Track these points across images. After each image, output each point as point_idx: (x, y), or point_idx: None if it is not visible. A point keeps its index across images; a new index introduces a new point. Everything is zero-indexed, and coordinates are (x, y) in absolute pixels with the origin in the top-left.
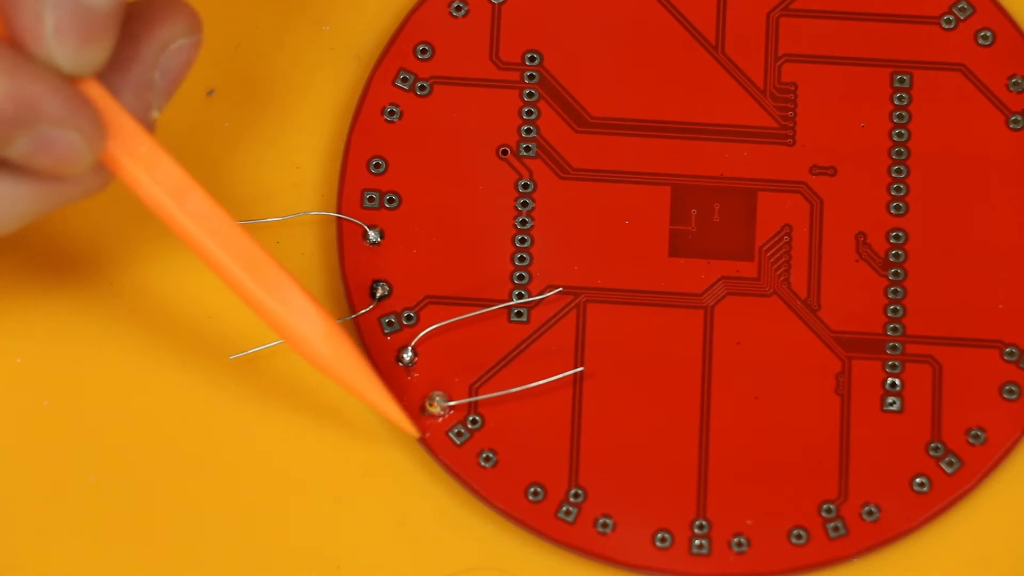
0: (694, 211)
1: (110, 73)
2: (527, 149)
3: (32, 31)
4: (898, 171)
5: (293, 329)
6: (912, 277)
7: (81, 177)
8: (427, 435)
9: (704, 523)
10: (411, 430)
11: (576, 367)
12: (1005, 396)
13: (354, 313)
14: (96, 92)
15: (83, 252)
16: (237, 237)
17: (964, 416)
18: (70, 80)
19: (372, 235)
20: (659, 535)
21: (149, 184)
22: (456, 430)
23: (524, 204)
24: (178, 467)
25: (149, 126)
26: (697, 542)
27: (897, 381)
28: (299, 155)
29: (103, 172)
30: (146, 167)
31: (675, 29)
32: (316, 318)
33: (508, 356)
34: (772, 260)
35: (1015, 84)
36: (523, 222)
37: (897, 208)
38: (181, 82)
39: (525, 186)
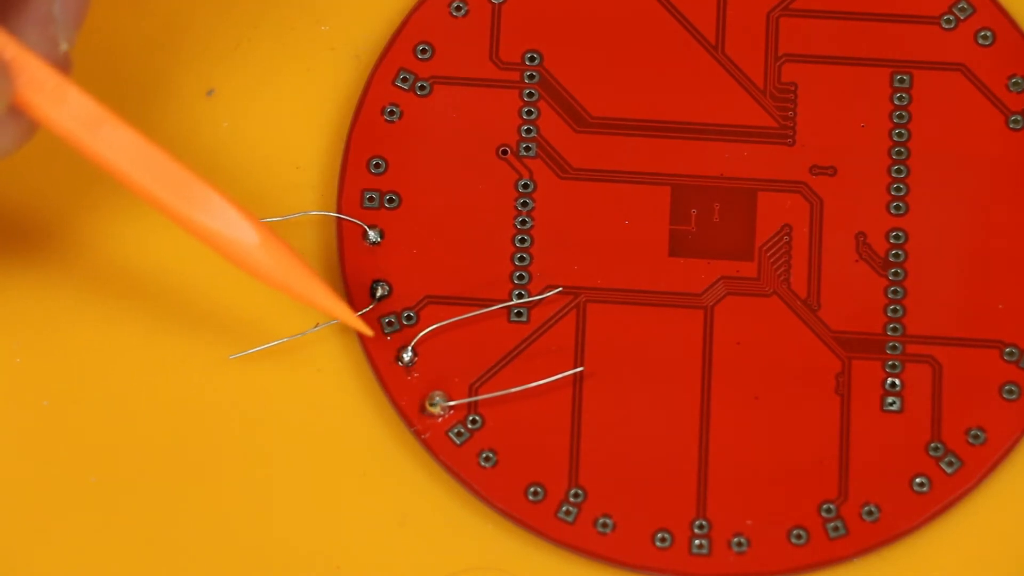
0: (694, 211)
1: (7, 13)
2: (527, 149)
3: None
4: (898, 171)
5: (228, 242)
6: (912, 277)
7: None
8: (427, 435)
9: (704, 523)
10: (364, 328)
11: (576, 367)
12: (1005, 396)
13: (354, 313)
14: None
15: (83, 252)
16: (157, 160)
17: (964, 416)
18: None
19: (372, 235)
20: (659, 535)
21: (61, 118)
22: (456, 430)
23: (524, 204)
24: (178, 467)
25: (61, 61)
26: (697, 542)
27: (897, 381)
28: (299, 155)
29: (22, 118)
30: (56, 103)
31: (675, 29)
32: (248, 228)
33: (508, 356)
34: (772, 260)
35: (1015, 84)
36: (523, 222)
37: (897, 208)
38: (86, 11)
39: (525, 186)
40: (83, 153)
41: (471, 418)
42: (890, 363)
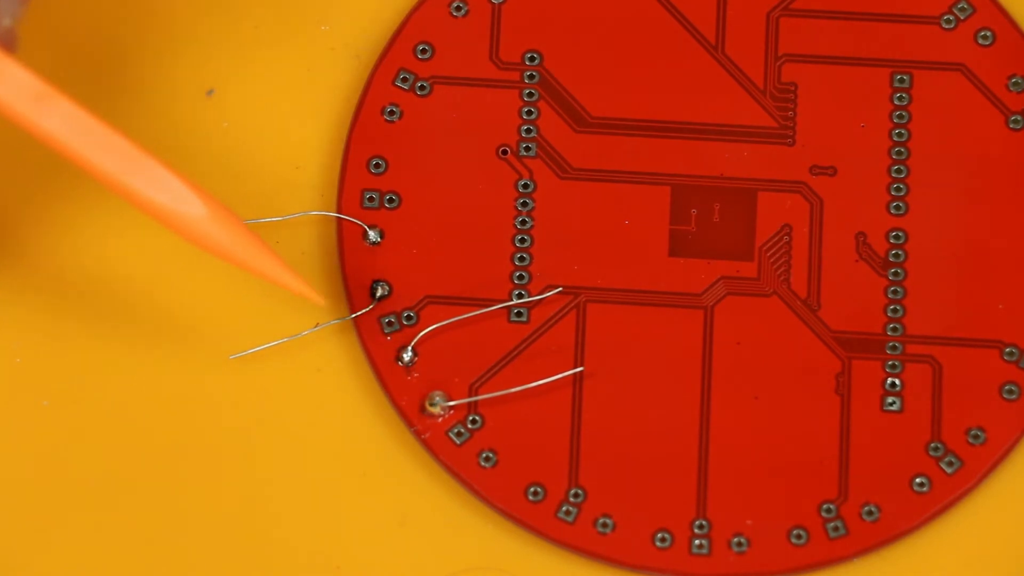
0: (694, 211)
1: None
2: (527, 149)
3: None
4: (898, 171)
5: (177, 216)
6: (912, 277)
7: None
8: (427, 435)
9: (704, 523)
10: (316, 298)
11: (576, 367)
12: (1005, 396)
13: (354, 313)
14: None
15: (83, 252)
16: (102, 134)
17: (964, 416)
18: None
19: (372, 235)
20: (659, 535)
21: (2, 95)
22: (456, 430)
23: (524, 204)
24: (177, 467)
25: (4, 36)
26: (697, 542)
27: (897, 381)
28: (299, 155)
29: None
30: None
31: (675, 29)
32: (197, 202)
33: (508, 356)
34: (772, 260)
35: (1015, 84)
36: (523, 222)
37: (897, 208)
38: None
39: (525, 186)
40: (26, 128)
41: (471, 418)
42: (890, 363)
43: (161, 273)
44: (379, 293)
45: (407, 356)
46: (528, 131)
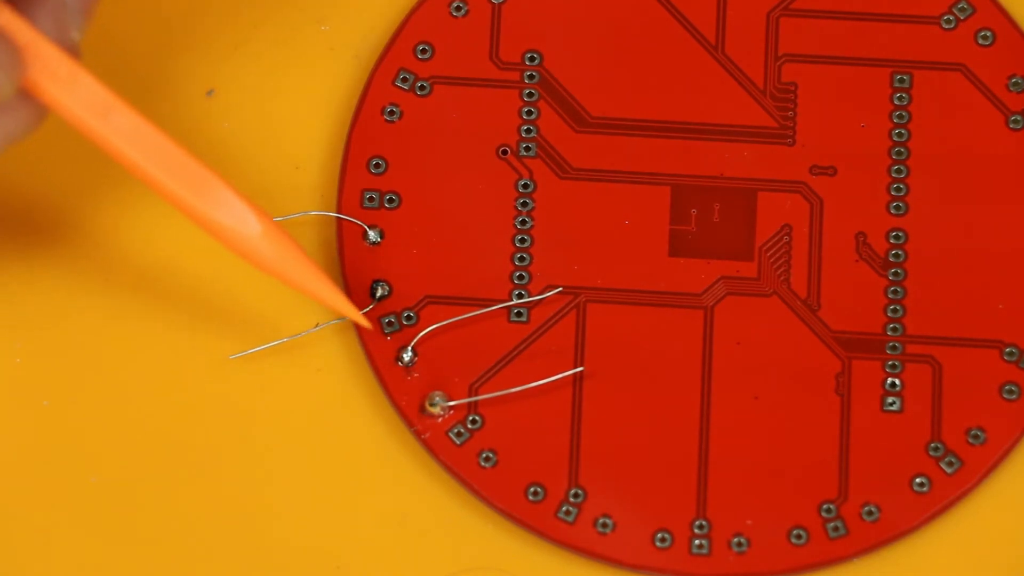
0: (694, 211)
1: (23, 1)
2: (527, 149)
3: None
4: (898, 171)
5: (231, 232)
6: (912, 277)
7: (8, 107)
8: (427, 435)
9: (704, 523)
10: (363, 321)
11: (576, 367)
12: (1005, 396)
13: None
14: (9, 19)
15: (83, 253)
16: (165, 147)
17: (964, 416)
18: None
19: (372, 235)
20: (659, 535)
21: (72, 105)
22: (456, 430)
23: (524, 204)
24: (178, 467)
25: (72, 48)
26: (697, 542)
27: (897, 381)
28: (299, 155)
29: (32, 104)
30: (67, 88)
31: (675, 29)
32: (253, 219)
33: (508, 356)
34: (772, 260)
35: (1015, 84)
36: (523, 222)
37: (897, 208)
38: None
39: (525, 186)
40: (91, 139)
41: (471, 418)
42: (890, 363)
43: (162, 273)
44: (379, 293)
45: (407, 356)
46: (528, 131)
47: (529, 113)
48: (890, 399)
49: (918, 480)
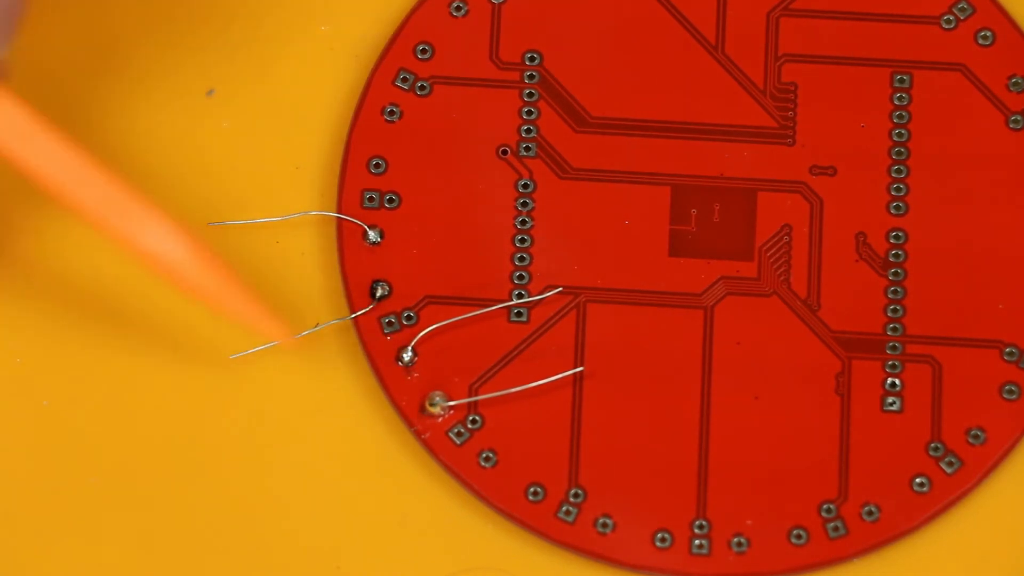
0: (694, 211)
1: None
2: (527, 149)
3: None
4: (898, 171)
5: (157, 254)
6: (912, 277)
7: None
8: (427, 435)
9: (704, 523)
10: (283, 338)
11: (576, 367)
12: (1005, 396)
13: (354, 313)
14: None
15: (83, 252)
16: (87, 172)
17: (964, 416)
18: None
19: (372, 235)
20: (659, 535)
21: None
22: (456, 430)
23: (524, 204)
24: (178, 467)
25: (2, 67)
26: (697, 542)
27: (897, 381)
28: (299, 155)
29: None
30: None
31: (675, 29)
32: (178, 241)
33: (508, 356)
34: (772, 260)
35: (1015, 84)
36: (523, 222)
37: (897, 208)
38: (18, 16)
39: (525, 186)
40: (11, 162)
41: (471, 418)
42: (890, 363)
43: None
44: (379, 293)
45: (407, 356)
46: (528, 131)
47: (529, 113)
48: (890, 399)
49: (918, 480)
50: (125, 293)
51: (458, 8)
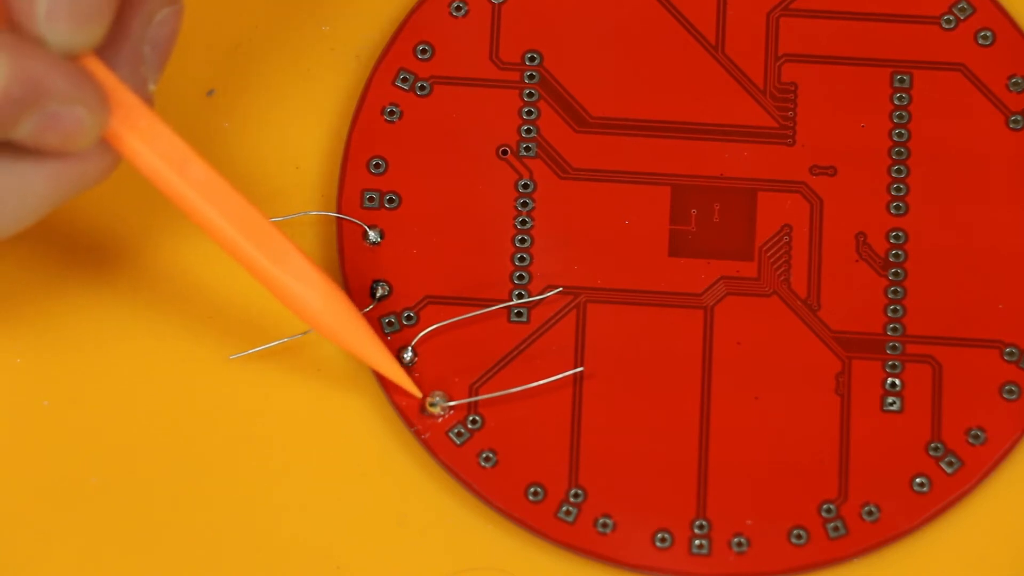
0: (694, 211)
1: (103, 51)
2: (527, 149)
3: (27, 15)
4: (898, 171)
5: (294, 294)
6: (912, 277)
7: (87, 155)
8: (427, 435)
9: (704, 523)
10: (413, 390)
11: (576, 367)
12: (1005, 396)
13: None
14: (95, 67)
15: (83, 252)
16: (238, 204)
17: (964, 416)
18: (71, 57)
19: (372, 235)
20: (659, 535)
21: (151, 156)
22: (456, 430)
23: (524, 204)
24: (178, 467)
25: (147, 100)
26: (697, 542)
27: (897, 381)
28: (299, 155)
29: (108, 152)
30: (147, 139)
31: (675, 29)
32: (317, 282)
33: (508, 356)
34: (772, 260)
35: (1015, 84)
36: (523, 222)
37: (897, 208)
38: (170, 52)
39: (525, 186)
40: (166, 193)
41: (471, 418)
42: (890, 363)
43: (161, 274)
44: (379, 293)
45: (407, 356)
46: (528, 131)
47: (529, 113)
48: (890, 399)
49: (918, 480)
50: (125, 294)
51: (458, 8)
